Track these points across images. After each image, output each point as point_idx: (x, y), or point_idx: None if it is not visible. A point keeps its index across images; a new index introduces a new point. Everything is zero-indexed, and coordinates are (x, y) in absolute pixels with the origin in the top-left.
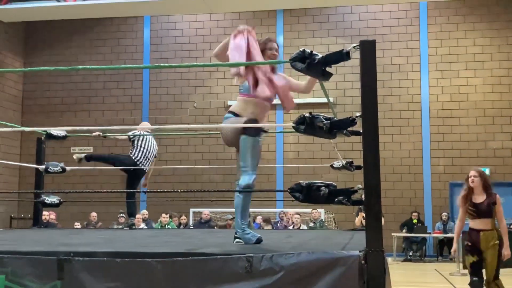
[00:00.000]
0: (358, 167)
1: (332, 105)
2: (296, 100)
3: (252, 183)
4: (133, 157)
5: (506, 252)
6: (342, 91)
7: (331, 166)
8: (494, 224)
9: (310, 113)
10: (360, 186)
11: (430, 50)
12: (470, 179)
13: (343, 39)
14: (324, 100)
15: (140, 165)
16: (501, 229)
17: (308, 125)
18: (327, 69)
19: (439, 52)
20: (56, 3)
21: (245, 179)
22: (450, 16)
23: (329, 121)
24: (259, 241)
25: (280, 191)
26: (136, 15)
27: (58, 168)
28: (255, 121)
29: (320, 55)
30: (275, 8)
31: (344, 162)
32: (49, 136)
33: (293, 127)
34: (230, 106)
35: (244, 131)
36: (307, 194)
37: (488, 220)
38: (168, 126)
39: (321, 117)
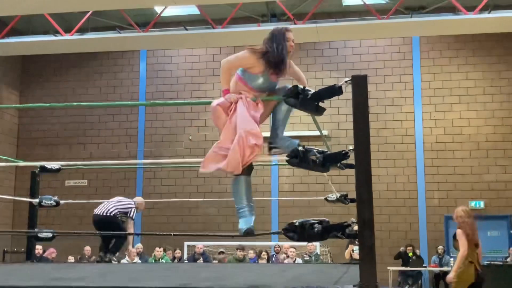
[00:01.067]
0: (353, 200)
1: (325, 138)
2: (291, 133)
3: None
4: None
5: (450, 275)
6: (336, 124)
7: (326, 199)
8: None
9: (303, 146)
10: (353, 219)
11: (423, 84)
12: None
13: (337, 73)
14: (318, 132)
15: (97, 210)
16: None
17: (301, 158)
18: (320, 104)
19: (432, 86)
20: (53, 38)
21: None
22: (443, 51)
23: (322, 155)
24: (247, 231)
25: (275, 232)
26: (132, 49)
27: (52, 202)
28: (249, 166)
29: (312, 91)
30: None
31: (338, 195)
32: (43, 169)
33: (286, 160)
34: None
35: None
36: (301, 233)
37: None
38: (163, 160)
39: (314, 150)
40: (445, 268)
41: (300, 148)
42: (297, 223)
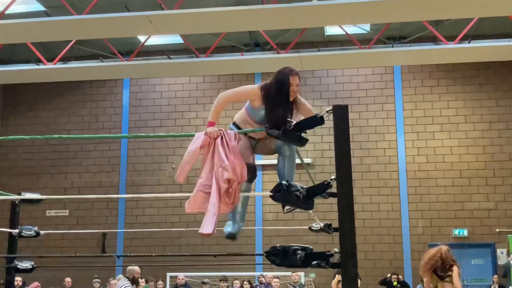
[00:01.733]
0: (337, 229)
1: (308, 167)
2: (273, 161)
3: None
4: None
5: None
6: (320, 152)
7: (310, 228)
8: None
9: (287, 180)
10: (336, 249)
11: (405, 112)
12: None
13: (320, 101)
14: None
15: None
16: None
17: (284, 192)
18: (303, 134)
19: (414, 114)
20: (36, 66)
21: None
22: (424, 80)
23: (305, 189)
24: (230, 235)
25: (257, 254)
26: (115, 78)
27: (32, 232)
28: (252, 166)
29: (294, 122)
30: (253, 72)
31: (322, 225)
32: (24, 199)
33: (270, 196)
34: None
35: None
36: (283, 258)
37: None
38: (141, 195)
39: (298, 186)
40: None
41: (284, 182)
42: (279, 248)
